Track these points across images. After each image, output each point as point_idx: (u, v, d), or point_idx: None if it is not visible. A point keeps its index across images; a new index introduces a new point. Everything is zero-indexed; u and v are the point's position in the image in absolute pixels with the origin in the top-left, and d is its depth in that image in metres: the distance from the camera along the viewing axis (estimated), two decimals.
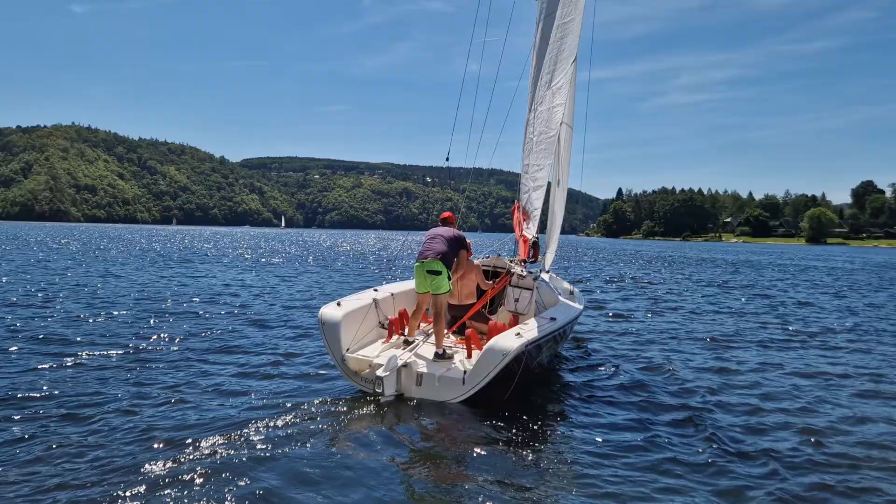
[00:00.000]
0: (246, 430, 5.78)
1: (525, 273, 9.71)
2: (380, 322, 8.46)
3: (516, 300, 9.61)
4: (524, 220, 9.83)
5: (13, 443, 5.41)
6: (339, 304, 7.84)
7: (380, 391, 6.85)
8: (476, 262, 9.31)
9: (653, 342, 11.52)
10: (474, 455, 5.51)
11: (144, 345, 9.51)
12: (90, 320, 11.56)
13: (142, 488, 4.52)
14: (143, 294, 15.79)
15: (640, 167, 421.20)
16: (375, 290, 8.90)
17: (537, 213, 9.69)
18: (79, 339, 9.79)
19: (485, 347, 6.88)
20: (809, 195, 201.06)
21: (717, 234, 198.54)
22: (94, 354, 8.75)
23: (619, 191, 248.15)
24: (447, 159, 10.75)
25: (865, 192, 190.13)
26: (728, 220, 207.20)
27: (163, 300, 14.74)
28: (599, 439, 6.05)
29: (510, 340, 6.79)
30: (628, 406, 7.29)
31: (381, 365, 7.07)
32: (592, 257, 51.84)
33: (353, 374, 7.43)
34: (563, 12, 9.20)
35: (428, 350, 7.67)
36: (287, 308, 14.16)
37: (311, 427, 5.99)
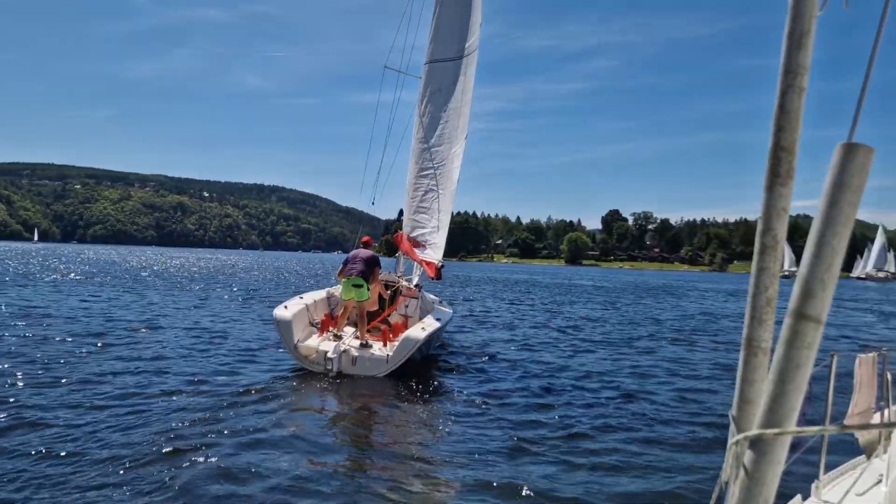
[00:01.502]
0: (215, 412, 7.59)
1: (412, 286, 12.93)
2: (310, 321, 11.03)
3: (406, 306, 12.62)
4: (418, 247, 12.94)
5: None
6: (286, 307, 10.46)
7: (329, 368, 9.81)
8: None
9: (487, 342, 14.73)
10: (394, 410, 8.55)
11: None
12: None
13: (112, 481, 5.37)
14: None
15: None
16: (301, 297, 11.39)
17: (441, 246, 12.95)
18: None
19: (401, 337, 9.97)
20: (568, 221, 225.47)
21: (490, 255, 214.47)
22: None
23: (401, 211, 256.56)
24: (372, 203, 13.54)
25: (612, 219, 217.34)
26: (499, 241, 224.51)
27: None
28: (462, 396, 8.98)
29: (419, 332, 9.94)
30: (481, 375, 10.40)
31: (327, 351, 9.97)
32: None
33: (304, 358, 10.13)
34: (456, 98, 12.52)
35: (354, 341, 10.51)
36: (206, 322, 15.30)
37: (279, 398, 8.51)
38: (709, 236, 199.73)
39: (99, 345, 11.83)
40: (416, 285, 13.18)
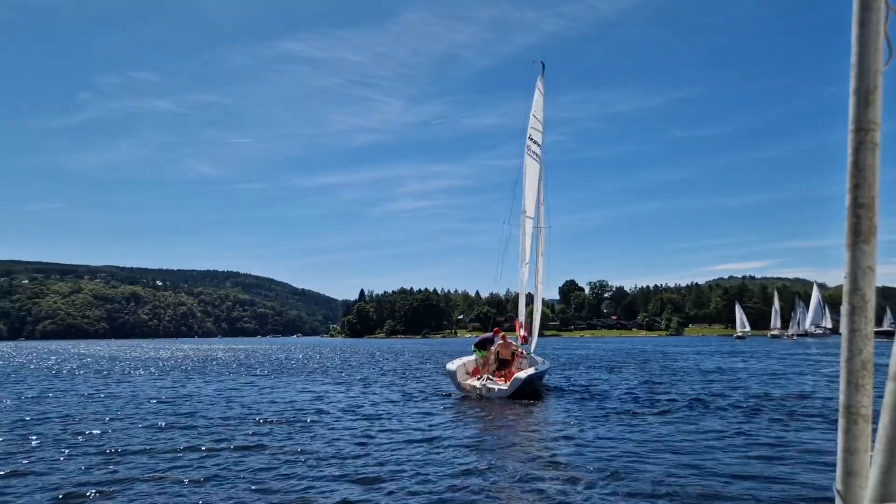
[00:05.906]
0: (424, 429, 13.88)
1: (522, 350, 21.69)
2: (466, 371, 20.49)
3: (520, 361, 20.83)
4: (523, 328, 22.91)
5: None
6: (452, 364, 20.20)
7: (485, 395, 18.73)
8: (510, 341, 21.44)
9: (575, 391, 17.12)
10: (515, 415, 15.84)
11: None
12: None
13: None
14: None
15: (376, 268, 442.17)
16: (455, 361, 20.69)
17: (537, 327, 23.53)
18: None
19: (513, 378, 18.55)
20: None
21: (453, 331, 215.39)
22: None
23: (362, 292, 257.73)
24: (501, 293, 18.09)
25: (570, 289, 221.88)
26: (461, 317, 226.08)
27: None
28: (564, 414, 11.25)
29: (521, 375, 18.51)
30: (577, 401, 14.08)
31: (478, 386, 19.06)
32: (364, 358, 56.03)
33: (465, 390, 19.51)
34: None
35: (491, 381, 19.35)
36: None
37: (461, 412, 16.48)
38: (663, 302, 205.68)
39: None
40: (522, 351, 21.61)
